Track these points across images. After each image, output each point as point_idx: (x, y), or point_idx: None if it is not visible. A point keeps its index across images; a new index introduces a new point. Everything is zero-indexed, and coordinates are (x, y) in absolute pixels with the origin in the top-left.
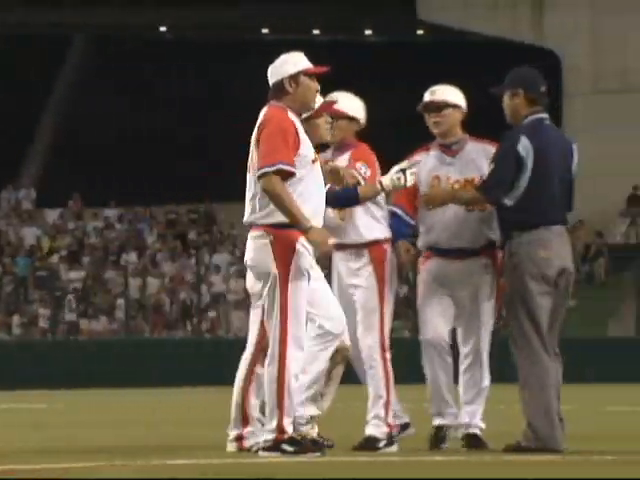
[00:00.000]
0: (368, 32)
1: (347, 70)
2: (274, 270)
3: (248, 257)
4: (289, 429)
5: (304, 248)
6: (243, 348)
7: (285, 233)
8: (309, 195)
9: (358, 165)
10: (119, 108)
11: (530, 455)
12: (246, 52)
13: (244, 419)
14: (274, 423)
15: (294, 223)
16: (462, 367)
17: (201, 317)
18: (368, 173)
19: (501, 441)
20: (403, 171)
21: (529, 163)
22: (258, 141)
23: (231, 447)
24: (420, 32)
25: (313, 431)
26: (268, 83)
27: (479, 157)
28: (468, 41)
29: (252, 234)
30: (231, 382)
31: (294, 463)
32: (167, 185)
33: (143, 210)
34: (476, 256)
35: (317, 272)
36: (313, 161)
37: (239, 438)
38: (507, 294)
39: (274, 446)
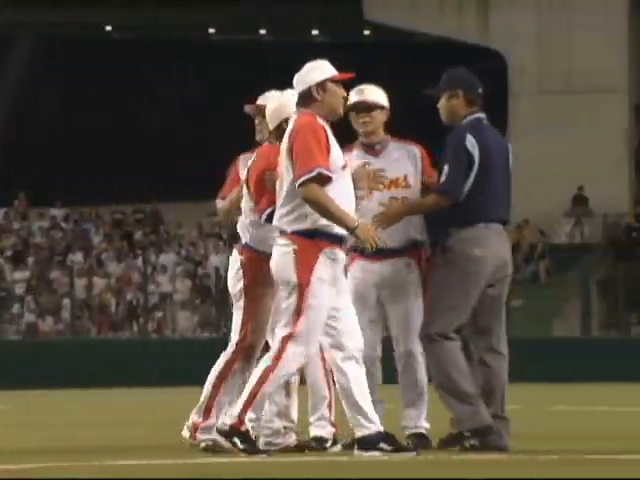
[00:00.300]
0: (315, 32)
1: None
2: (294, 279)
3: (271, 263)
4: (248, 424)
5: (329, 260)
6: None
7: (310, 242)
8: (339, 202)
9: None
10: (65, 107)
11: (475, 454)
12: (193, 52)
13: (206, 411)
14: (236, 411)
15: (340, 225)
16: (398, 369)
17: (147, 317)
18: None
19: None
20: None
21: (476, 160)
22: (290, 150)
23: (185, 432)
24: (366, 32)
25: (290, 440)
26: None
27: (402, 157)
28: (414, 41)
29: (279, 241)
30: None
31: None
32: (113, 185)
33: (89, 210)
34: (400, 256)
35: (343, 284)
36: (343, 167)
37: (195, 428)
38: (434, 290)
39: (229, 432)
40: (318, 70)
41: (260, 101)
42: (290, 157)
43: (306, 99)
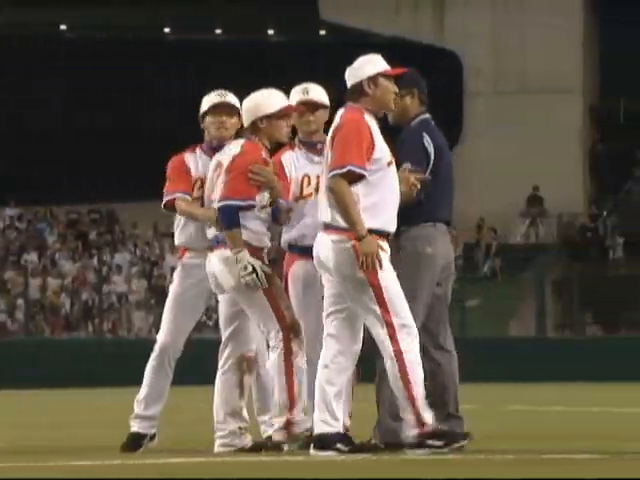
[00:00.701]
0: (271, 32)
1: (251, 70)
2: (360, 274)
3: (324, 257)
4: (429, 421)
5: (383, 252)
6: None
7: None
8: (383, 199)
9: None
10: (14, 107)
11: (435, 454)
12: (147, 52)
13: (290, 407)
14: (410, 417)
15: (351, 227)
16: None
17: (103, 317)
18: None
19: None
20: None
21: (431, 160)
22: (332, 143)
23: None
24: (323, 32)
25: (246, 441)
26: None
27: None
28: (370, 42)
29: (331, 237)
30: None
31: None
32: (68, 185)
33: (43, 210)
34: None
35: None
36: (389, 164)
37: (288, 423)
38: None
39: (419, 443)
40: (371, 64)
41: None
42: (332, 150)
43: (356, 93)
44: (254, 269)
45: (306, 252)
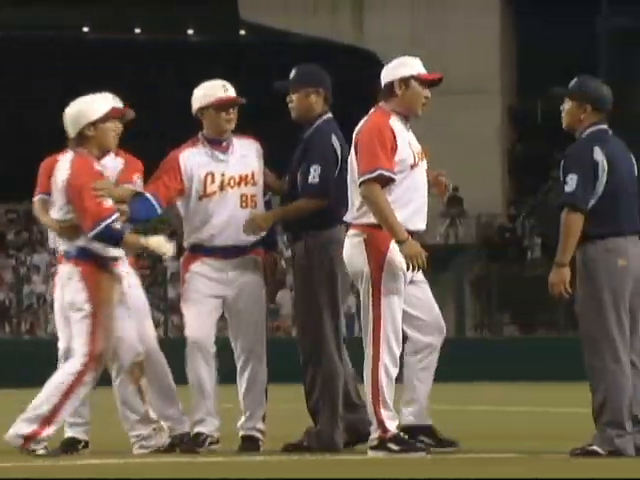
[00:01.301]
0: (190, 32)
1: (170, 70)
2: (366, 268)
3: (344, 255)
4: (391, 426)
5: (396, 250)
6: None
7: (380, 232)
8: (407, 199)
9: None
10: None
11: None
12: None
13: (46, 422)
14: (375, 419)
15: (390, 233)
16: (238, 367)
17: (20, 318)
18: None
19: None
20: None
21: (339, 158)
22: (356, 146)
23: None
24: (242, 32)
25: (163, 440)
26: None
27: (250, 153)
28: (289, 41)
29: (349, 232)
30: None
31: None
32: None
33: None
34: (246, 254)
35: (419, 276)
36: (412, 166)
37: (31, 437)
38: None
39: (379, 445)
40: (405, 66)
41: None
42: (356, 152)
43: (387, 93)
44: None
45: (214, 252)
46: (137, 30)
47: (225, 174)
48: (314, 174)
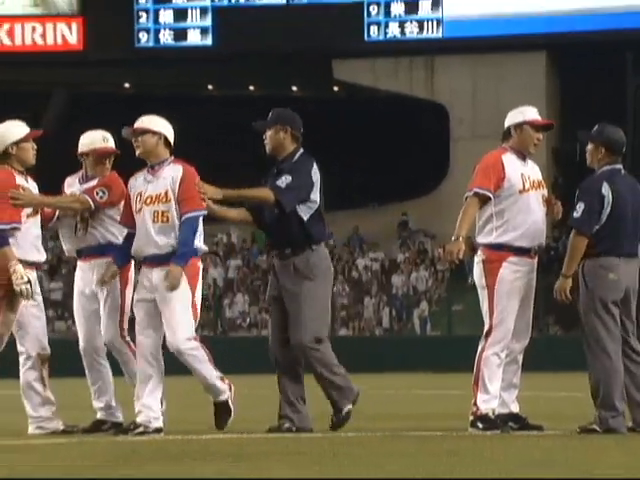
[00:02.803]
0: (294, 88)
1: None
2: (483, 283)
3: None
4: (483, 407)
5: (511, 265)
6: None
7: (494, 253)
8: (520, 222)
9: (97, 190)
10: None
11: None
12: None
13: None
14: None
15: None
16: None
17: None
18: (105, 198)
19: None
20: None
21: (317, 185)
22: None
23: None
24: (336, 89)
25: (58, 424)
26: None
27: (173, 175)
28: (375, 96)
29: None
30: None
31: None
32: None
33: None
34: (166, 264)
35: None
36: (520, 191)
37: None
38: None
39: (471, 423)
40: (521, 114)
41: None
42: None
43: (506, 134)
44: (29, 280)
45: (144, 261)
46: (251, 87)
47: (148, 193)
48: (284, 180)
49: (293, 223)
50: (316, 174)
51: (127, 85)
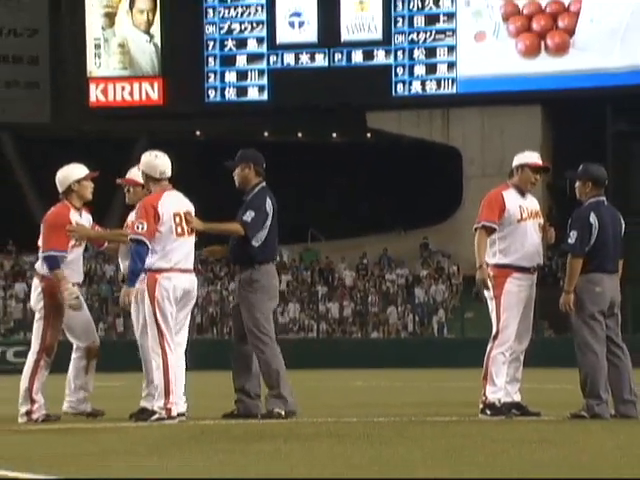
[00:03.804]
0: (334, 135)
1: (320, 163)
2: (491, 294)
3: None
4: (491, 396)
5: (515, 280)
6: None
7: (500, 271)
8: (518, 246)
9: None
10: None
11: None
12: None
13: (31, 400)
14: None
15: (477, 257)
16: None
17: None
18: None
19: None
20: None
21: (270, 215)
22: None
23: (22, 419)
24: (368, 135)
25: (88, 406)
26: None
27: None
28: (401, 141)
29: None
30: None
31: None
32: None
33: None
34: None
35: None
36: (518, 220)
37: (29, 412)
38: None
39: (481, 410)
40: (523, 158)
41: (128, 176)
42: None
43: (511, 173)
44: (78, 296)
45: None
46: (299, 134)
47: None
48: (249, 215)
49: (243, 246)
50: (269, 205)
51: (198, 133)
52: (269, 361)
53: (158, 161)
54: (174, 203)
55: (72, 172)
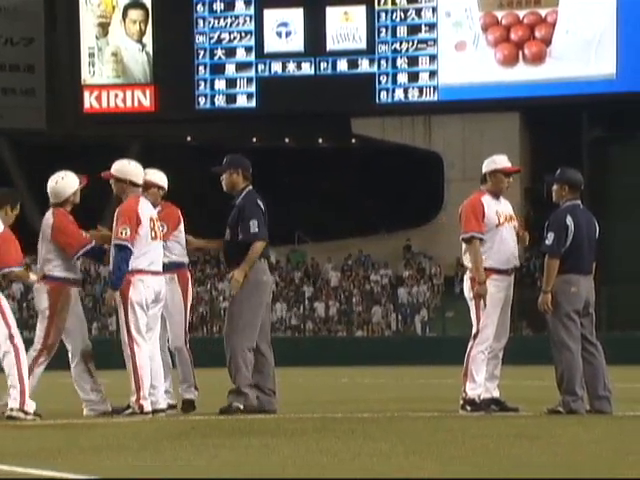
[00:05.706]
0: (320, 140)
1: (307, 168)
2: (471, 295)
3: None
4: (471, 393)
5: (493, 281)
6: None
7: (494, 275)
8: (497, 249)
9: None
10: None
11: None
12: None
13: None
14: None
15: (476, 275)
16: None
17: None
18: (164, 230)
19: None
20: None
21: (263, 217)
22: (461, 212)
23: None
24: (353, 141)
25: (107, 405)
26: None
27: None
28: (384, 147)
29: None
30: None
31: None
32: None
33: None
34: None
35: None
36: (497, 225)
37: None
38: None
39: (462, 406)
40: (494, 163)
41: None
42: (460, 216)
43: (483, 180)
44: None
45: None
46: (287, 140)
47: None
48: (254, 226)
49: (233, 246)
50: (262, 206)
51: (189, 138)
52: (236, 355)
53: (140, 169)
54: (149, 208)
55: (69, 184)
